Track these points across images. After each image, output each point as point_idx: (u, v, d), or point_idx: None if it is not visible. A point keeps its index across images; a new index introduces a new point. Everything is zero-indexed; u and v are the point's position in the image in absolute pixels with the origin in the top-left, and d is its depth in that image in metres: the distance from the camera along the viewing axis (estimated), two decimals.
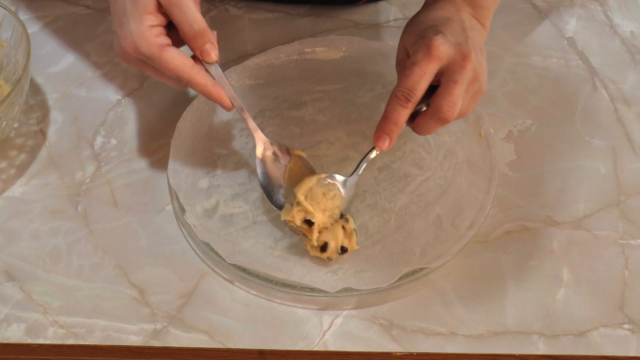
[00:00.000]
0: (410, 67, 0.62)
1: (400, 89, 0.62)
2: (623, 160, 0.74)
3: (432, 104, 0.62)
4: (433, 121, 0.62)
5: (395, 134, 0.63)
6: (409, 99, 0.61)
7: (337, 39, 0.81)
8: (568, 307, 0.65)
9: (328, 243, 0.65)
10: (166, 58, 0.62)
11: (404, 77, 0.62)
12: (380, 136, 0.63)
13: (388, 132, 0.63)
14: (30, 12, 0.88)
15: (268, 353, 0.63)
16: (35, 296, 0.66)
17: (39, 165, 0.75)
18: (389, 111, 0.62)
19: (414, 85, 0.61)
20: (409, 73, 0.62)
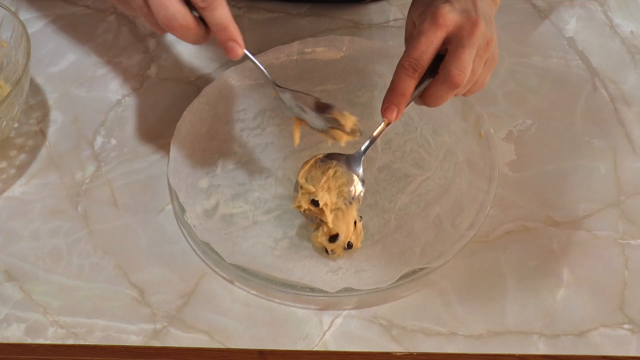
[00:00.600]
0: (417, 36, 0.61)
1: (407, 59, 0.61)
2: (623, 160, 0.74)
3: (442, 71, 0.61)
4: (444, 88, 0.62)
5: (403, 105, 0.62)
6: (415, 69, 0.61)
7: (337, 39, 0.81)
8: (568, 307, 0.65)
9: (339, 235, 0.65)
10: None
11: (410, 47, 0.61)
12: (388, 107, 0.62)
13: (396, 104, 0.62)
14: (30, 12, 0.88)
15: (268, 353, 0.63)
16: (35, 296, 0.66)
17: (39, 165, 0.75)
18: (396, 82, 0.62)
19: (420, 55, 0.61)
20: (415, 43, 0.61)
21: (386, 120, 0.63)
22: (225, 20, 0.59)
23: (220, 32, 0.60)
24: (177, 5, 0.58)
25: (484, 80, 0.64)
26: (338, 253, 0.66)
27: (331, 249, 0.66)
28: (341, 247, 0.66)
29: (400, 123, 0.76)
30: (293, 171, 0.73)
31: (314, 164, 0.67)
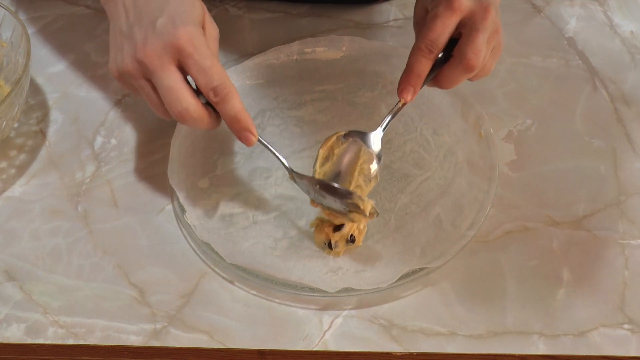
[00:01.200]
0: (432, 19, 0.63)
1: (423, 41, 0.63)
2: (623, 160, 0.74)
3: (457, 54, 0.63)
4: (458, 70, 0.64)
5: (418, 86, 0.65)
6: (432, 51, 0.63)
7: (337, 39, 0.81)
8: (568, 307, 0.65)
9: (345, 225, 0.66)
10: (216, 61, 0.60)
11: (426, 30, 0.63)
12: (404, 88, 0.65)
13: (412, 84, 0.65)
14: (30, 12, 0.88)
15: (268, 353, 0.63)
16: (35, 296, 0.66)
17: (39, 165, 0.75)
18: (413, 63, 0.64)
19: (436, 38, 0.63)
20: (431, 25, 0.63)
21: (402, 100, 0.65)
22: (237, 113, 0.61)
23: (233, 124, 0.62)
24: (190, 99, 0.60)
25: (490, 67, 0.66)
26: (340, 247, 0.66)
27: (335, 240, 0.66)
28: (343, 239, 0.66)
29: (400, 123, 0.76)
30: None
31: (336, 140, 0.67)
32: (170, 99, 0.59)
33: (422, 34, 0.64)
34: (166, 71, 0.59)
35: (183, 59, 0.59)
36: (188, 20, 0.59)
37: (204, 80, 0.60)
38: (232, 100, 0.60)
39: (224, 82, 0.60)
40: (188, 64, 0.59)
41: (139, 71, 0.60)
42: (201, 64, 0.59)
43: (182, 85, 0.59)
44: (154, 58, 0.59)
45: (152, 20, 0.60)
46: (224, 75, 0.60)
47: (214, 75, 0.59)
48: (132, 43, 0.60)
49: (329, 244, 0.66)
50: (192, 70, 0.59)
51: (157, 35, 0.59)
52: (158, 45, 0.59)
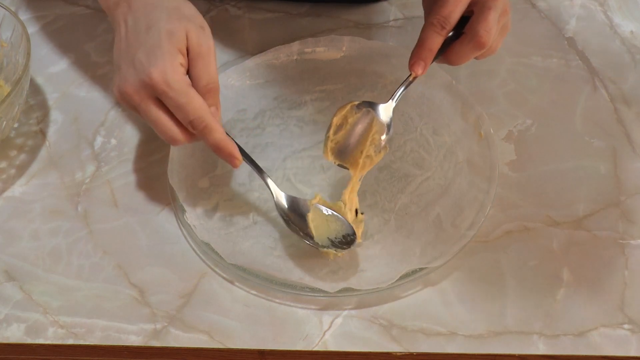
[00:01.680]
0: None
1: (436, 16, 0.64)
2: (623, 160, 0.74)
3: (469, 31, 0.64)
4: (470, 47, 0.65)
5: (429, 60, 0.66)
6: (444, 27, 0.64)
7: (337, 39, 0.81)
8: (568, 307, 0.65)
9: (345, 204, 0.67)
10: (193, 95, 0.61)
11: (440, 5, 0.64)
12: (416, 62, 0.66)
13: (423, 58, 0.65)
14: (30, 12, 0.88)
15: (268, 353, 0.63)
16: (35, 296, 0.66)
17: (39, 165, 0.75)
18: (425, 38, 0.65)
19: (449, 14, 0.64)
20: (444, 1, 0.64)
21: (413, 73, 0.66)
22: (218, 142, 0.64)
23: (217, 152, 0.65)
24: (174, 129, 0.63)
25: (497, 46, 0.67)
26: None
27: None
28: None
29: (400, 123, 0.76)
30: (293, 171, 0.73)
31: (350, 109, 0.67)
32: (157, 129, 0.63)
33: (435, 9, 0.64)
34: (147, 106, 0.62)
35: (158, 96, 0.61)
36: (162, 55, 0.61)
37: (181, 116, 0.62)
38: (211, 132, 0.63)
39: (200, 116, 0.62)
40: (164, 101, 0.62)
41: (126, 103, 0.63)
42: (175, 101, 0.61)
43: (164, 117, 0.62)
44: (133, 95, 0.62)
45: (132, 55, 0.62)
46: (200, 108, 0.62)
47: (190, 111, 0.61)
48: (118, 77, 0.63)
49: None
50: (169, 106, 0.62)
51: (135, 73, 0.61)
52: (135, 83, 0.61)
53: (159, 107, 0.62)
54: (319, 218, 0.67)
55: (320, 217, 0.67)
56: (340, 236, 0.66)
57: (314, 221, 0.67)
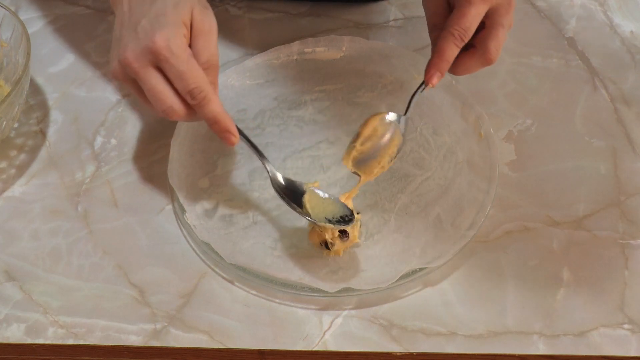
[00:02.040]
0: (466, 6, 0.64)
1: (456, 27, 0.64)
2: (623, 160, 0.74)
3: (480, 45, 0.65)
4: (479, 62, 0.65)
5: (444, 71, 0.66)
6: (463, 39, 0.64)
7: (337, 39, 0.81)
8: (568, 307, 0.65)
9: None
10: (194, 64, 0.61)
11: (459, 17, 0.64)
12: (434, 74, 0.66)
13: (441, 70, 0.65)
14: (30, 12, 0.88)
15: (268, 353, 0.63)
16: (35, 296, 0.66)
17: (39, 165, 0.75)
18: (444, 49, 0.65)
19: (469, 26, 0.64)
20: (465, 12, 0.64)
21: (430, 85, 0.66)
22: (216, 115, 0.63)
23: (213, 126, 0.64)
24: (172, 98, 0.61)
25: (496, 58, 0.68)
26: (338, 245, 0.66)
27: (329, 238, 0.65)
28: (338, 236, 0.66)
29: None
30: (293, 171, 0.73)
31: (380, 121, 0.67)
32: (153, 99, 0.62)
33: (454, 20, 0.64)
34: (147, 72, 0.61)
35: (159, 63, 0.61)
36: (167, 23, 0.60)
37: (180, 85, 0.61)
38: (210, 103, 0.62)
39: (200, 86, 0.61)
40: (164, 68, 0.61)
41: (124, 73, 0.62)
42: (177, 68, 0.60)
43: (163, 85, 0.61)
44: (133, 61, 0.61)
45: (135, 24, 0.61)
46: (200, 78, 0.61)
47: (190, 79, 0.61)
48: (118, 47, 0.62)
49: (326, 244, 0.66)
50: (169, 74, 0.61)
51: (137, 40, 0.61)
52: (137, 49, 0.60)
53: (158, 75, 0.61)
54: (315, 200, 0.67)
55: (316, 199, 0.67)
56: (338, 216, 0.66)
57: (310, 202, 0.67)
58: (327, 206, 0.67)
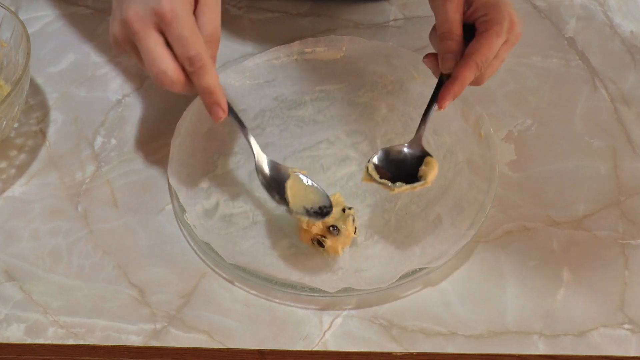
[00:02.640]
0: (494, 38, 0.64)
1: (481, 57, 0.64)
2: (623, 160, 0.74)
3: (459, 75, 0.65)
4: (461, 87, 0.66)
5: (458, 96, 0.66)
6: (481, 68, 0.65)
7: (337, 39, 0.81)
8: (568, 307, 0.65)
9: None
10: (197, 31, 0.60)
11: (487, 47, 0.64)
12: (449, 99, 0.65)
13: (454, 94, 0.65)
14: (30, 12, 0.88)
15: (268, 353, 0.63)
16: (35, 296, 0.66)
17: (39, 165, 0.75)
18: (465, 77, 0.64)
19: (490, 56, 0.64)
20: (492, 44, 0.64)
21: (441, 109, 0.66)
22: (211, 86, 0.62)
23: (205, 96, 0.62)
24: (169, 62, 0.60)
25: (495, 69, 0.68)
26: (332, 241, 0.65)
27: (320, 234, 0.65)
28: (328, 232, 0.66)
29: (400, 123, 0.76)
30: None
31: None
32: (149, 60, 0.60)
33: (478, 48, 0.64)
34: (147, 34, 0.60)
35: (163, 25, 0.59)
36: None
37: (180, 50, 0.60)
38: (207, 73, 0.61)
39: (200, 54, 0.60)
40: (167, 31, 0.60)
41: (124, 34, 0.61)
42: (179, 33, 0.59)
43: (161, 48, 0.60)
44: (135, 21, 0.59)
45: None
46: (201, 46, 0.60)
47: (191, 45, 0.60)
48: (120, 8, 0.61)
49: (318, 242, 0.66)
50: (170, 38, 0.60)
51: (142, 1, 0.59)
52: (140, 9, 0.59)
53: (159, 37, 0.60)
54: (297, 186, 0.67)
55: (299, 185, 0.67)
56: (316, 207, 0.66)
57: (292, 188, 0.67)
58: (308, 194, 0.66)
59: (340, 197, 0.68)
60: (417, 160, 0.66)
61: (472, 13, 0.66)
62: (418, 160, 0.66)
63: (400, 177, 0.66)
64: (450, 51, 0.65)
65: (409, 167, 0.66)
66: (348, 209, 0.67)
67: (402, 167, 0.66)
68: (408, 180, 0.65)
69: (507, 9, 0.65)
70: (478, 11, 0.65)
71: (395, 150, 0.67)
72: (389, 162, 0.66)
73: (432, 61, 0.68)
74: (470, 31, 0.65)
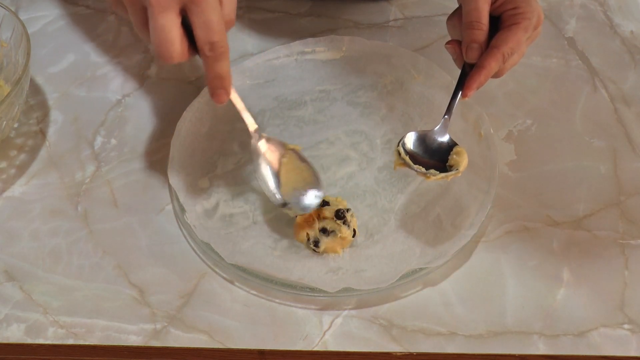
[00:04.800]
0: (522, 30, 0.65)
1: (508, 47, 0.64)
2: (623, 160, 0.74)
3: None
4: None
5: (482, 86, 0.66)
6: (506, 58, 0.65)
7: (337, 39, 0.81)
8: (568, 307, 0.65)
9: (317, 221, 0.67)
10: (221, 16, 0.58)
11: (513, 38, 0.64)
12: (474, 87, 0.65)
13: (480, 83, 0.65)
14: (30, 12, 0.88)
15: (268, 353, 0.63)
16: (35, 296, 0.66)
17: (39, 165, 0.75)
18: (491, 67, 0.64)
19: (515, 50, 0.65)
20: (520, 37, 0.65)
21: (465, 98, 0.66)
22: (226, 72, 0.61)
23: (217, 80, 0.61)
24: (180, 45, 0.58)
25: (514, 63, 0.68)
26: (326, 243, 0.66)
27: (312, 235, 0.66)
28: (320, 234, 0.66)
29: (400, 123, 0.76)
30: None
31: None
32: (160, 39, 0.58)
33: (508, 40, 0.64)
34: (167, 11, 0.57)
35: (192, 6, 0.57)
36: None
37: (205, 33, 0.58)
38: (225, 60, 0.60)
39: (223, 40, 0.59)
40: (195, 13, 0.58)
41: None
42: (208, 17, 0.58)
43: (177, 30, 0.58)
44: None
45: None
46: (224, 32, 0.59)
47: (216, 30, 0.58)
48: None
49: (315, 243, 0.66)
50: (197, 20, 0.58)
51: None
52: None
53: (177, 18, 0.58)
54: (292, 163, 0.67)
55: (293, 163, 0.67)
56: (307, 189, 0.66)
57: (287, 165, 0.66)
58: (302, 172, 0.66)
59: (342, 200, 0.68)
60: (447, 148, 0.66)
61: (501, 5, 0.66)
62: (447, 149, 0.66)
63: (429, 164, 0.65)
64: (476, 41, 0.65)
65: (438, 155, 0.66)
66: (346, 210, 0.67)
67: (432, 155, 0.66)
68: (437, 169, 0.65)
69: (536, 6, 0.65)
70: (507, 4, 0.65)
71: (427, 137, 0.67)
72: (420, 148, 0.66)
73: (456, 48, 0.67)
74: (494, 23, 0.65)
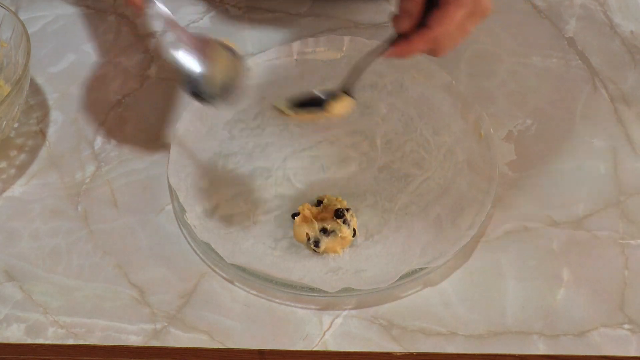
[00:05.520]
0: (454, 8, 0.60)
1: (439, 28, 0.60)
2: (623, 160, 0.74)
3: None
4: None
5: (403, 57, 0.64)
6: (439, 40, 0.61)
7: (337, 39, 0.81)
8: (568, 307, 0.65)
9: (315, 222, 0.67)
10: None
11: (447, 17, 0.60)
12: (393, 55, 0.64)
13: (399, 54, 0.63)
14: (30, 12, 0.88)
15: (268, 353, 0.63)
16: (35, 296, 0.66)
17: (39, 165, 0.75)
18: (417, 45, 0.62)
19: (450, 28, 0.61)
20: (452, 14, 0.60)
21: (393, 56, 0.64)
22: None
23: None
24: None
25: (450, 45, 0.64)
26: (326, 244, 0.66)
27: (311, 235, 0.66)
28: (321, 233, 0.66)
29: (400, 123, 0.76)
30: (293, 171, 0.73)
31: None
32: None
33: (439, 17, 0.60)
34: None
35: None
36: None
37: None
38: None
39: None
40: None
41: None
42: None
43: None
44: None
45: None
46: None
47: None
48: None
49: (315, 243, 0.66)
50: None
51: None
52: None
53: None
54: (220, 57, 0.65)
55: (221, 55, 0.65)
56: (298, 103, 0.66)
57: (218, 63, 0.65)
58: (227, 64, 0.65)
59: (341, 200, 0.68)
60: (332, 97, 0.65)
61: None
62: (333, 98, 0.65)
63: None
64: (407, 12, 0.62)
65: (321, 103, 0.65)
66: (346, 210, 0.67)
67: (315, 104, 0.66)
68: None
69: None
70: None
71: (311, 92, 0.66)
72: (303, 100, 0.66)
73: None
74: None
